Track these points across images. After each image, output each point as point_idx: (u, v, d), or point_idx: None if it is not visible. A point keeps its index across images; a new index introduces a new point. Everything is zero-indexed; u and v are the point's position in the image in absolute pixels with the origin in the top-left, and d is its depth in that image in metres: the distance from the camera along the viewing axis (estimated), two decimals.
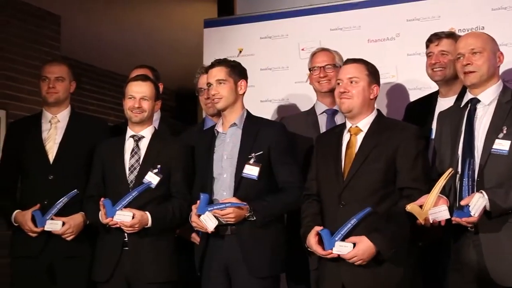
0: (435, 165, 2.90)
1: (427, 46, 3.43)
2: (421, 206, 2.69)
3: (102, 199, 3.20)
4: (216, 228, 3.09)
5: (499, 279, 2.60)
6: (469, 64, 2.77)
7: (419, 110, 3.46)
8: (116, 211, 3.17)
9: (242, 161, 3.17)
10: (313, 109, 3.64)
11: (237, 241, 3.12)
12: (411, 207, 2.70)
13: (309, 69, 3.65)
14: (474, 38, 2.82)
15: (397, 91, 4.01)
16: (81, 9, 5.82)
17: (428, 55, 3.41)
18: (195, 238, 3.37)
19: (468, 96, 2.83)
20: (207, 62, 4.16)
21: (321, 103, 3.61)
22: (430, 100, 3.44)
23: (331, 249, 2.79)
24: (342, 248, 2.77)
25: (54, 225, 3.37)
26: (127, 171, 3.30)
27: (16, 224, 3.46)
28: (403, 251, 2.81)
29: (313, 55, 3.67)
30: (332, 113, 3.55)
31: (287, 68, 4.39)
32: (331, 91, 3.45)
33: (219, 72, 3.25)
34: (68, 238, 3.40)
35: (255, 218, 3.09)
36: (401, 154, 2.86)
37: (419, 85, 3.89)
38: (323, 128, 3.51)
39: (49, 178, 3.49)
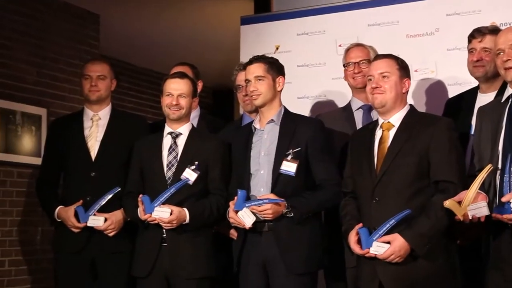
0: (475, 161, 2.86)
1: (469, 41, 3.36)
2: (459, 202, 2.66)
3: (140, 195, 3.24)
4: (254, 224, 3.10)
5: None
6: (509, 59, 2.72)
7: (458, 105, 3.41)
8: (154, 208, 3.20)
9: (279, 158, 3.17)
10: (349, 105, 3.62)
11: (274, 237, 3.12)
12: (449, 203, 2.67)
13: (344, 65, 3.63)
14: None
15: (436, 87, 3.96)
16: (119, 8, 5.88)
17: (470, 51, 3.35)
18: (233, 234, 3.38)
19: (509, 91, 2.77)
20: (244, 59, 4.18)
21: (356, 99, 3.59)
22: (470, 95, 3.38)
23: (369, 249, 2.80)
24: (379, 249, 2.77)
25: (96, 221, 3.43)
26: (165, 168, 3.33)
27: (59, 220, 3.53)
28: (439, 247, 2.78)
29: (348, 50, 3.64)
30: (368, 109, 3.52)
31: (324, 65, 4.37)
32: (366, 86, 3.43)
33: (257, 69, 3.25)
34: (110, 234, 3.46)
35: (292, 214, 3.10)
36: (434, 147, 2.83)
37: (459, 80, 3.84)
38: (359, 124, 3.49)
39: (91, 175, 3.54)
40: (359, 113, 3.56)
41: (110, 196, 3.43)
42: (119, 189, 3.44)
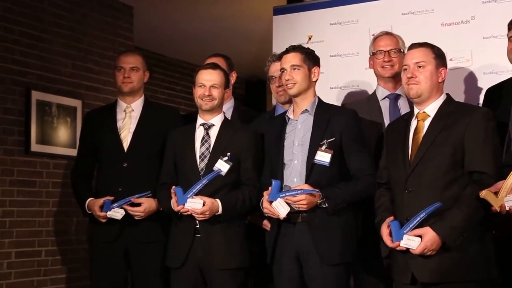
0: (511, 150, 2.80)
1: (509, 29, 3.29)
2: (496, 193, 2.61)
3: (173, 187, 3.26)
4: (288, 215, 3.09)
5: None
6: None
7: (498, 94, 3.33)
8: (187, 199, 3.22)
9: (314, 148, 3.16)
10: (374, 95, 3.58)
11: (309, 228, 3.11)
12: (485, 193, 2.62)
13: (372, 53, 3.59)
14: None
15: (472, 76, 3.89)
16: (152, 0, 5.92)
17: (510, 39, 3.28)
18: (266, 225, 3.38)
19: None
20: (276, 50, 4.17)
21: (382, 88, 3.54)
22: (509, 84, 3.30)
23: (399, 242, 2.77)
24: (409, 242, 2.75)
25: (115, 213, 3.47)
26: (198, 159, 3.34)
27: (89, 212, 3.58)
28: (473, 237, 2.75)
29: (376, 38, 3.60)
30: (394, 98, 3.48)
31: (357, 54, 4.32)
32: (394, 76, 3.39)
33: (294, 58, 3.24)
34: (137, 218, 3.47)
35: (327, 205, 3.08)
36: (469, 136, 2.78)
37: (495, 69, 3.76)
38: (386, 114, 3.46)
39: (123, 166, 3.57)
40: (385, 102, 3.51)
41: (138, 197, 3.48)
42: (150, 193, 3.47)
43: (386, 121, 3.45)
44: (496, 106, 3.12)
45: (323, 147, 3.15)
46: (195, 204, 3.20)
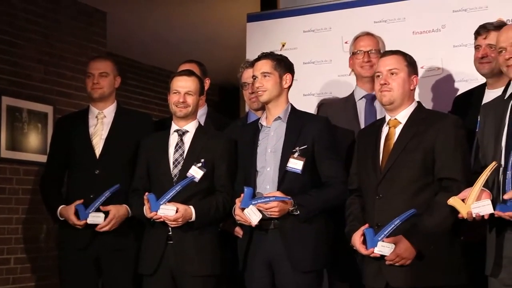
0: (478, 158, 2.85)
1: (475, 38, 3.36)
2: (463, 200, 2.64)
3: (146, 193, 3.24)
4: (260, 222, 3.09)
5: None
6: (511, 57, 2.69)
7: (466, 102, 3.39)
8: (160, 205, 3.20)
9: (286, 155, 3.17)
10: (351, 95, 3.60)
11: (280, 235, 3.12)
12: (453, 201, 2.65)
13: (352, 53, 3.61)
14: None
15: (443, 83, 3.94)
16: (126, 6, 5.89)
17: (476, 47, 3.34)
18: (238, 232, 3.37)
19: None
20: (250, 56, 4.17)
21: (360, 88, 3.56)
22: (478, 92, 3.37)
23: (373, 248, 2.79)
24: (383, 249, 2.78)
25: (96, 218, 3.44)
26: (171, 165, 3.32)
27: (62, 219, 3.53)
28: (443, 244, 2.78)
29: (357, 38, 3.62)
30: (371, 98, 3.49)
31: (330, 62, 4.35)
32: (372, 76, 3.42)
33: (264, 65, 3.25)
34: (108, 228, 3.44)
35: (299, 212, 3.09)
36: (439, 144, 2.82)
37: (465, 77, 3.81)
38: (361, 114, 3.48)
39: (95, 172, 3.54)
40: (362, 102, 3.53)
41: (110, 194, 3.45)
42: (119, 186, 3.45)
43: (362, 121, 3.47)
44: (464, 114, 3.17)
45: (296, 155, 3.16)
46: (168, 211, 3.19)
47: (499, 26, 3.24)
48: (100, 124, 3.65)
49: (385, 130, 2.99)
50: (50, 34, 5.32)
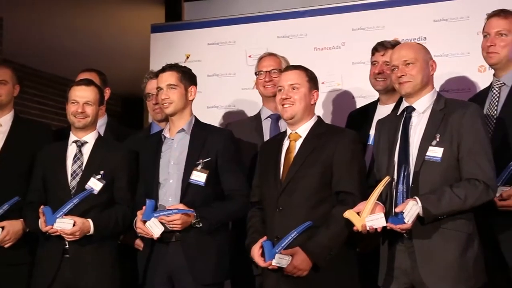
0: (373, 172, 2.96)
1: (373, 54, 3.50)
2: (359, 213, 2.73)
3: (42, 206, 3.14)
4: (161, 234, 3.06)
5: (432, 284, 2.65)
6: (403, 75, 2.82)
7: (360, 117, 3.54)
8: (57, 219, 3.11)
9: (189, 167, 3.16)
10: (258, 115, 3.67)
11: (182, 248, 3.10)
12: (348, 214, 2.74)
13: (255, 73, 3.67)
14: (406, 49, 2.88)
15: (342, 99, 4.08)
16: (24, 12, 5.70)
17: (373, 63, 3.49)
18: (139, 244, 3.33)
19: (404, 104, 2.89)
20: (154, 67, 4.14)
21: (266, 108, 3.63)
22: (371, 108, 3.51)
23: (271, 261, 2.83)
24: (281, 260, 2.82)
25: None
26: (69, 177, 3.24)
27: None
28: (339, 256, 2.86)
29: (260, 59, 3.70)
30: (276, 118, 3.57)
31: (234, 75, 4.41)
32: (275, 95, 3.48)
33: (170, 77, 3.23)
34: (6, 245, 3.32)
35: (201, 225, 3.08)
36: (336, 158, 2.91)
37: (363, 93, 3.97)
38: (266, 134, 3.54)
39: None
40: (267, 122, 3.60)
41: (8, 207, 3.31)
42: (19, 199, 3.32)
43: None
44: (358, 128, 3.29)
45: (199, 167, 3.16)
46: (65, 224, 3.10)
47: (396, 45, 3.39)
48: None
49: (286, 143, 3.04)
50: None
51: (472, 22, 3.80)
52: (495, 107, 3.03)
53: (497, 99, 3.04)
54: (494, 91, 3.07)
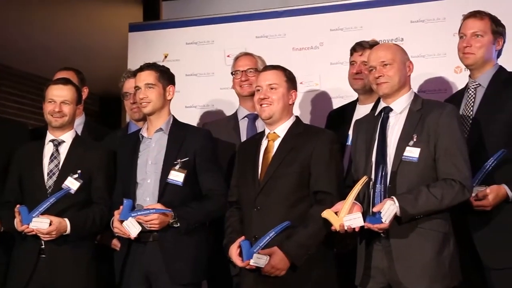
0: (351, 172, 2.97)
1: (351, 54, 3.52)
2: (336, 213, 2.74)
3: (17, 206, 3.11)
4: (139, 234, 3.05)
5: (409, 283, 2.67)
6: (381, 76, 2.84)
7: (338, 117, 3.56)
8: (33, 218, 3.09)
9: (167, 167, 3.15)
10: (235, 114, 3.67)
11: (160, 248, 3.09)
12: (326, 214, 2.75)
13: (232, 73, 3.67)
14: (384, 50, 2.90)
15: (321, 99, 4.09)
16: (1, 10, 5.64)
17: (351, 63, 3.51)
18: (116, 244, 3.31)
19: (382, 104, 2.91)
20: (132, 66, 4.12)
21: (243, 108, 3.63)
22: (350, 107, 3.53)
23: (249, 260, 2.83)
24: (259, 260, 2.82)
25: None
26: (46, 176, 3.22)
27: None
28: (317, 256, 2.87)
29: (236, 59, 3.70)
30: (253, 118, 3.57)
31: (212, 74, 4.40)
32: (252, 95, 3.49)
33: (148, 76, 3.22)
34: None
35: (179, 224, 3.08)
36: (314, 158, 2.92)
37: (341, 93, 3.98)
38: (243, 133, 3.54)
39: None
40: (244, 122, 3.60)
41: None
42: None
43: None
44: (337, 128, 3.31)
45: (177, 167, 3.15)
46: (41, 224, 3.08)
47: (374, 45, 3.41)
48: None
49: (264, 143, 3.05)
50: None
51: (449, 23, 3.84)
52: (471, 108, 3.06)
53: (473, 100, 3.07)
54: (470, 92, 3.10)
